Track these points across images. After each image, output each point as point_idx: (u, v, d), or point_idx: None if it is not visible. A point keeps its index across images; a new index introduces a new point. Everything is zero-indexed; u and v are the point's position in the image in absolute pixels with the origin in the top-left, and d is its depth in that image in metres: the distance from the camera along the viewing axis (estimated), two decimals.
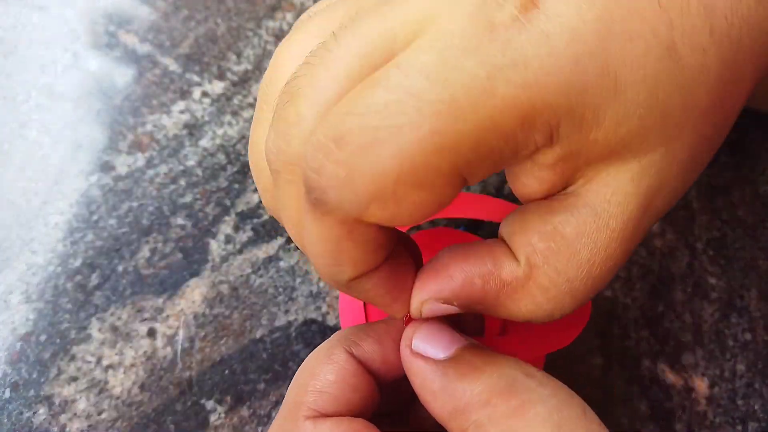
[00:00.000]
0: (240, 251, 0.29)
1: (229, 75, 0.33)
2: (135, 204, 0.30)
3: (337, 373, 0.17)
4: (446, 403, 0.16)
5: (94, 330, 0.28)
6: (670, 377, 0.28)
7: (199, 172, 0.31)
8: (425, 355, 0.17)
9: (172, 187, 0.30)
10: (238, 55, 0.33)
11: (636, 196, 0.15)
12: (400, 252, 0.17)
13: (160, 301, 0.28)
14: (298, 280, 0.29)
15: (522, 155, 0.14)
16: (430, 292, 0.16)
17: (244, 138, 0.31)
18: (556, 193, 0.16)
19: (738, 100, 0.16)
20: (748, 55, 0.15)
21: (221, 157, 0.31)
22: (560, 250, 0.15)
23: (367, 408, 0.18)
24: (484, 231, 0.30)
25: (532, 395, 0.15)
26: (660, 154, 0.15)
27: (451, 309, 0.17)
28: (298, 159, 0.15)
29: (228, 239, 0.29)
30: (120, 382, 0.27)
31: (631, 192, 0.15)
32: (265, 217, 0.30)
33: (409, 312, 0.17)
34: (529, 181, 0.16)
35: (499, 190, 0.31)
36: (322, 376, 0.17)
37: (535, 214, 0.16)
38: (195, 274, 0.29)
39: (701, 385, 0.28)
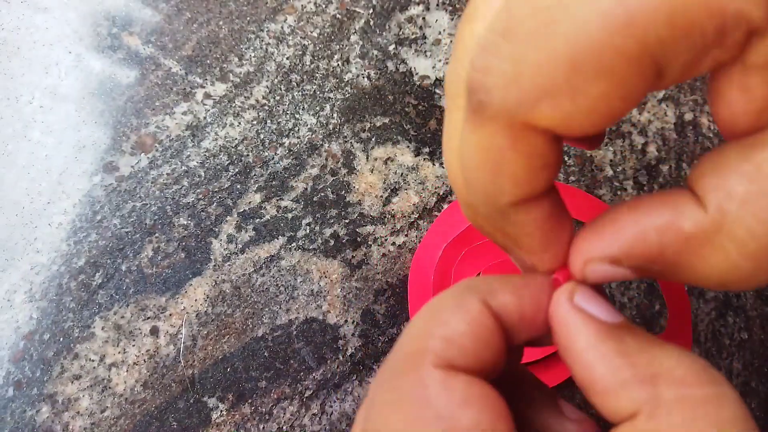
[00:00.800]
0: (242, 251, 0.29)
1: (231, 77, 0.33)
2: (138, 204, 0.30)
3: (469, 323, 0.14)
4: (620, 369, 0.13)
5: (98, 328, 0.28)
6: None
7: (201, 172, 0.31)
8: (591, 311, 0.14)
9: (175, 187, 0.31)
10: (240, 57, 0.33)
11: None
12: (558, 197, 0.15)
13: (163, 299, 0.28)
14: (299, 279, 0.29)
15: (730, 40, 0.12)
16: (596, 249, 0.14)
17: (246, 139, 0.32)
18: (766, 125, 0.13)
19: None
20: None
21: (223, 158, 0.31)
22: (762, 192, 0.12)
23: (495, 369, 0.15)
24: None
25: (725, 391, 0.13)
26: None
27: (620, 272, 0.14)
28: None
29: (230, 239, 0.30)
30: (123, 380, 0.27)
31: None
32: (267, 216, 0.30)
33: (558, 272, 0.15)
34: (735, 96, 0.13)
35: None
36: (453, 324, 0.14)
37: (733, 151, 0.13)
38: (197, 273, 0.29)
39: None
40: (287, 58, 0.33)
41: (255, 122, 0.32)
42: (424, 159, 0.31)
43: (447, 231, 0.29)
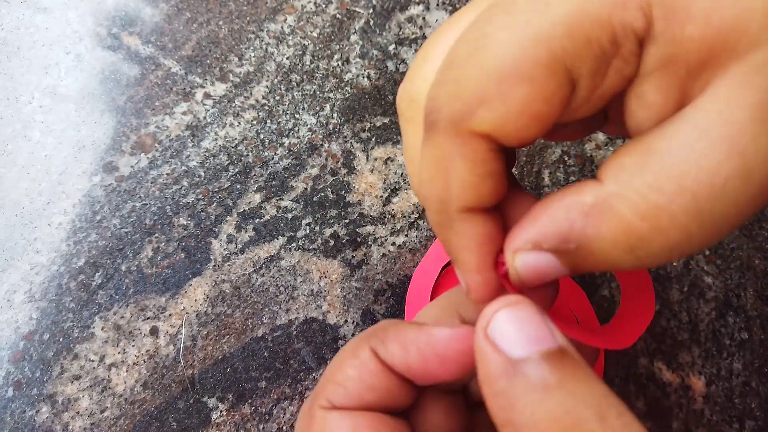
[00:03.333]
0: (242, 251, 0.29)
1: (231, 77, 0.33)
2: (138, 204, 0.30)
3: (356, 369, 0.17)
4: (503, 410, 0.14)
5: (98, 329, 0.28)
6: (667, 376, 0.28)
7: (201, 172, 0.31)
8: (498, 345, 0.14)
9: (175, 187, 0.31)
10: (240, 57, 0.33)
11: (744, 101, 0.13)
12: (501, 228, 0.16)
13: (163, 300, 0.28)
14: (299, 279, 0.29)
15: (625, 50, 0.14)
16: (518, 237, 0.15)
17: (245, 139, 0.32)
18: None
19: None
20: None
21: (223, 158, 0.31)
22: (651, 161, 0.13)
23: (388, 406, 0.17)
24: None
25: None
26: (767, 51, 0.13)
27: (545, 259, 0.15)
28: (418, 95, 0.16)
29: (230, 239, 0.30)
30: (123, 381, 0.27)
31: (735, 97, 0.13)
32: (267, 216, 0.30)
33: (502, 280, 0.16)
34: (634, 106, 0.15)
35: None
36: (344, 369, 0.17)
37: (630, 141, 0.14)
38: (197, 273, 0.29)
39: (698, 383, 0.28)
40: (287, 58, 0.33)
41: (255, 122, 0.32)
42: None
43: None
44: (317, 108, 0.32)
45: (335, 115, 0.32)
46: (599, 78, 0.14)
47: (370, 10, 0.34)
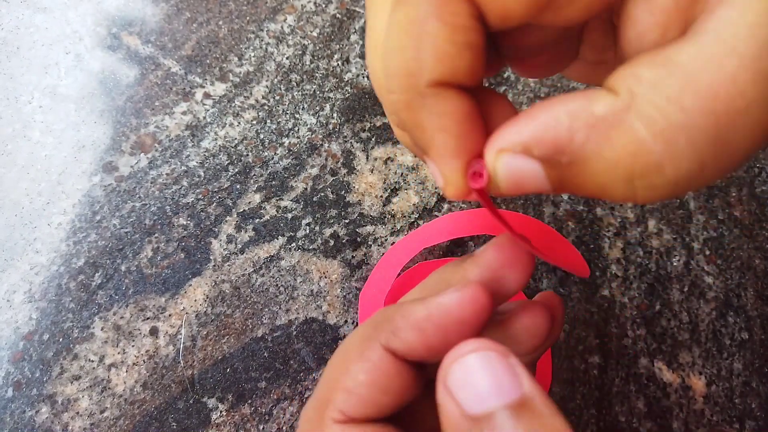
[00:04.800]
0: (241, 251, 0.29)
1: (230, 77, 0.33)
2: (138, 204, 0.30)
3: (368, 372, 0.15)
4: None
5: (97, 329, 0.28)
6: (667, 376, 0.28)
7: (201, 172, 0.31)
8: (457, 400, 0.14)
9: (175, 187, 0.31)
10: (240, 57, 0.33)
11: None
12: (476, 106, 0.14)
13: (163, 300, 0.28)
14: (299, 279, 0.29)
15: None
16: (509, 136, 0.13)
17: (245, 139, 0.32)
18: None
19: None
20: None
21: (223, 158, 0.31)
22: (672, 74, 0.12)
23: (400, 406, 0.16)
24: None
25: None
26: None
27: (529, 166, 0.13)
28: None
29: (230, 239, 0.30)
30: (122, 381, 0.27)
31: (764, 10, 0.11)
32: (267, 216, 0.30)
33: (472, 178, 0.14)
34: (641, 12, 0.13)
35: None
36: (353, 374, 0.15)
37: (645, 53, 0.13)
38: (197, 273, 0.29)
39: (698, 383, 0.28)
40: (287, 58, 0.33)
41: (255, 122, 0.32)
42: None
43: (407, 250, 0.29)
44: (317, 108, 0.32)
45: (335, 114, 0.32)
46: None
47: None
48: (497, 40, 0.15)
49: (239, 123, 0.32)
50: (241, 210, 0.30)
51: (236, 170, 0.31)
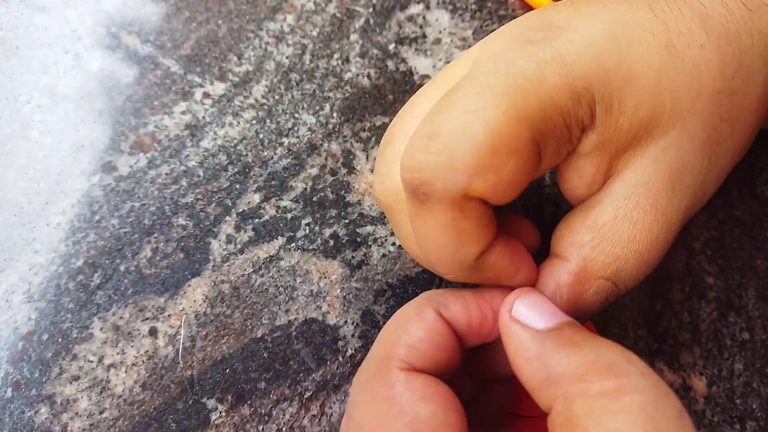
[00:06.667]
0: (241, 251, 0.29)
1: (230, 76, 0.33)
2: (137, 204, 0.30)
3: (426, 330, 0.18)
4: (539, 371, 0.16)
5: (96, 329, 0.28)
6: (669, 376, 0.28)
7: (200, 172, 0.31)
8: (524, 322, 0.17)
9: (174, 187, 0.30)
10: (239, 56, 0.33)
11: (659, 174, 0.17)
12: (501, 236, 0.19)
13: (162, 300, 0.28)
14: (299, 279, 0.29)
15: (574, 136, 0.17)
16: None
17: (245, 138, 0.32)
18: (596, 192, 0.19)
19: (753, 92, 0.18)
20: (755, 51, 0.18)
21: (222, 158, 0.31)
22: (603, 236, 0.18)
23: (451, 367, 0.18)
24: None
25: (630, 381, 0.15)
26: (675, 134, 0.17)
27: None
28: (402, 190, 0.18)
29: (229, 239, 0.30)
30: (122, 381, 0.27)
31: (654, 171, 0.17)
32: (266, 216, 0.30)
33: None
34: (573, 175, 0.19)
35: None
36: (413, 332, 0.18)
37: (575, 215, 0.19)
38: (196, 273, 0.29)
39: (699, 384, 0.28)
40: (286, 58, 0.33)
41: (254, 122, 0.32)
42: None
43: None
44: (317, 107, 0.32)
45: (335, 114, 0.32)
46: (556, 155, 0.18)
47: (370, 9, 0.34)
48: None
49: (238, 123, 0.32)
50: (241, 210, 0.30)
51: (236, 170, 0.31)
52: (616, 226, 0.17)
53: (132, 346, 0.28)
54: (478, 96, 0.16)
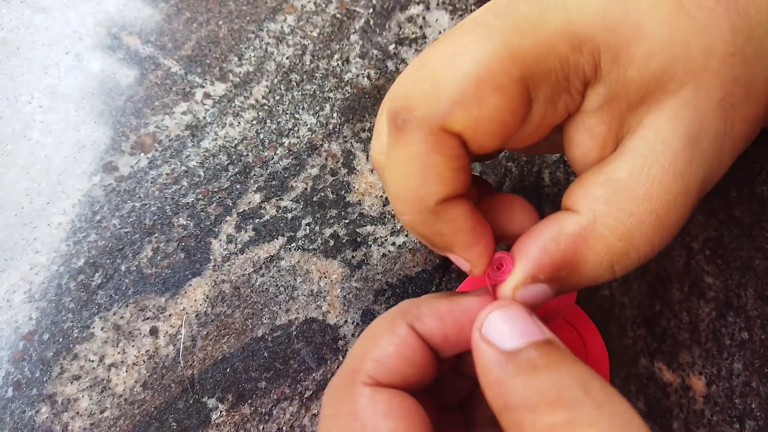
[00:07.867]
0: (241, 251, 0.29)
1: (230, 77, 0.33)
2: (137, 204, 0.30)
3: (396, 345, 0.17)
4: (498, 397, 0.15)
5: (97, 329, 0.28)
6: (667, 376, 0.28)
7: (201, 172, 0.31)
8: (491, 342, 0.16)
9: (175, 187, 0.31)
10: (240, 57, 0.33)
11: (678, 132, 0.16)
12: (472, 203, 0.18)
13: (163, 300, 0.28)
14: (299, 279, 0.29)
15: (573, 87, 0.16)
16: (516, 277, 0.17)
17: (245, 139, 0.32)
18: (608, 156, 0.17)
19: (765, 64, 0.17)
20: (765, 27, 0.17)
21: (223, 158, 0.31)
22: (617, 191, 0.16)
23: (420, 382, 0.18)
24: None
25: (581, 414, 0.14)
26: (691, 90, 0.16)
27: (542, 289, 0.17)
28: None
29: (230, 239, 0.30)
30: (122, 381, 0.27)
31: (672, 128, 0.16)
32: (267, 216, 0.30)
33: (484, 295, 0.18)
34: (582, 137, 0.17)
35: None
36: (383, 346, 0.17)
37: (588, 173, 0.17)
38: (197, 273, 0.29)
39: (698, 383, 0.28)
40: (287, 58, 0.33)
41: (255, 122, 0.32)
42: None
43: None
44: (317, 108, 0.32)
45: (335, 114, 0.32)
46: (551, 107, 0.17)
47: (370, 10, 0.34)
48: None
49: (239, 123, 0.32)
50: (241, 210, 0.30)
51: (236, 170, 0.31)
52: (632, 181, 0.16)
53: (133, 346, 0.28)
54: (472, 30, 0.15)
